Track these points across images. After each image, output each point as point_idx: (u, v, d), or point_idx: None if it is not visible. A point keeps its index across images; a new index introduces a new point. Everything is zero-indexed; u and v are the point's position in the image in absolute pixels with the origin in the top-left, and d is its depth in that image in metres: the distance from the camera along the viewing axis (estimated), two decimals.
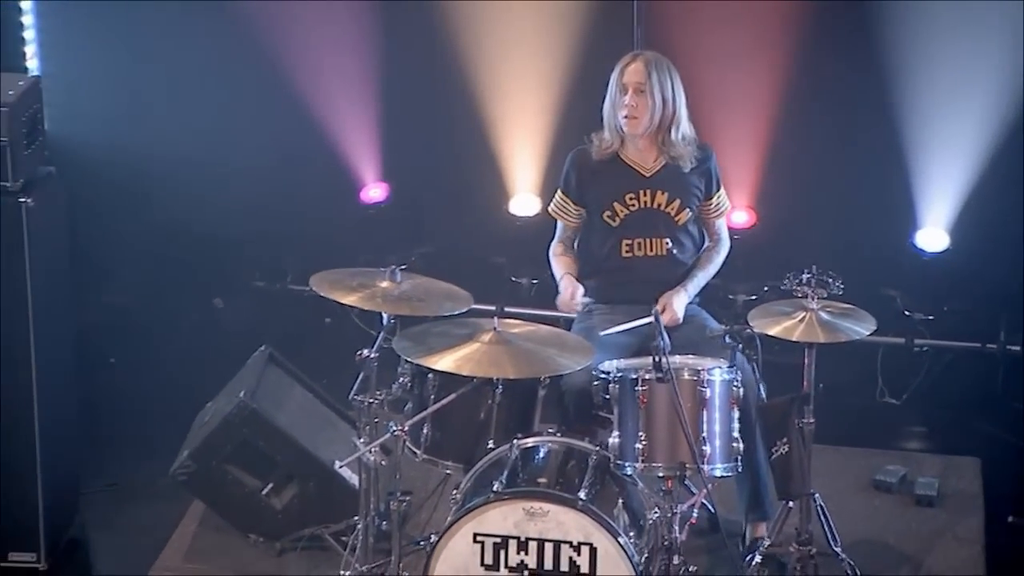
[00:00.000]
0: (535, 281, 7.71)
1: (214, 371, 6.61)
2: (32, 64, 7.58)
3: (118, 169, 7.45)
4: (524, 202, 7.75)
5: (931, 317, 7.57)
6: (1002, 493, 6.45)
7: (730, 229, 6.33)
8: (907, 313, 7.52)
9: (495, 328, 5.48)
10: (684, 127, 5.96)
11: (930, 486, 6.50)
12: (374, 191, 7.85)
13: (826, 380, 5.80)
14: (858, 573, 5.71)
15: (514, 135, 7.56)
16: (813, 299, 5.61)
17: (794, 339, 5.58)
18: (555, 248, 6.18)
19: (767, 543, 5.79)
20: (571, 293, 5.97)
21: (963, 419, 7.19)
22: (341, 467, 5.87)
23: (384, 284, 5.65)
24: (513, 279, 7.44)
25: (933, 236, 7.54)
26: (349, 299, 5.61)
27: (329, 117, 7.62)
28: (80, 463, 6.43)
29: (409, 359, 5.50)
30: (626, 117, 5.90)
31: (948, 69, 7.17)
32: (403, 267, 5.72)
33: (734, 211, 6.99)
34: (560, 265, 6.12)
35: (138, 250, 7.71)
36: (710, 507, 5.85)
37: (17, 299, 5.94)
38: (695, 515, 5.66)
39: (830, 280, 5.61)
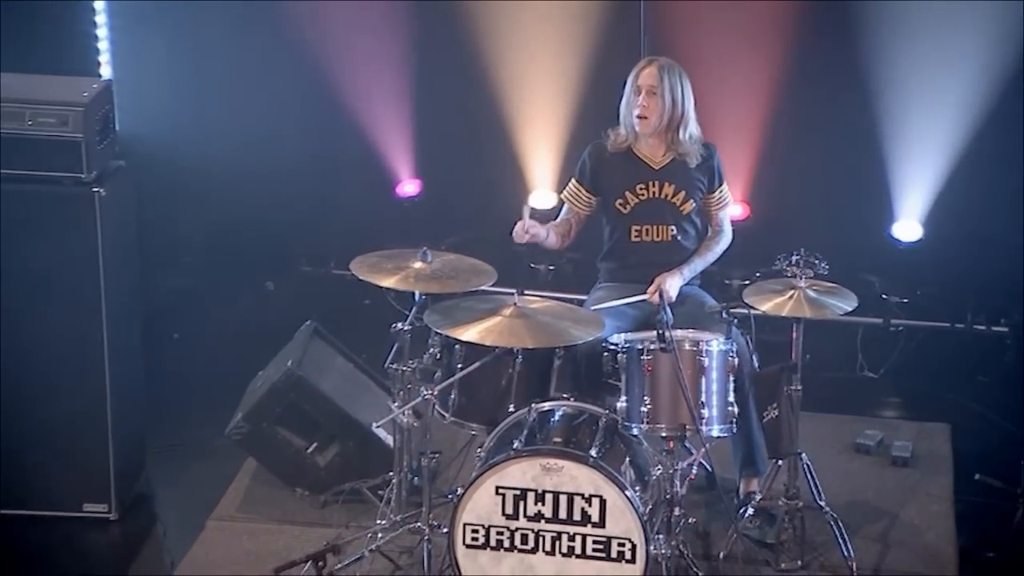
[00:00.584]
0: (551, 268, 7.67)
1: (265, 344, 6.56)
2: (105, 71, 7.55)
3: (181, 164, 7.44)
4: (542, 196, 7.69)
5: (906, 300, 7.53)
6: (969, 455, 6.39)
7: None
8: (884, 296, 7.48)
9: (516, 303, 5.46)
10: (692, 127, 5.91)
11: (905, 448, 6.45)
12: (408, 186, 7.83)
13: (811, 356, 5.75)
14: (840, 524, 5.67)
15: (533, 135, 7.53)
16: (801, 279, 5.58)
17: (784, 314, 5.55)
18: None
19: (759, 497, 5.76)
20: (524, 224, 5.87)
21: (934, 390, 7.13)
22: (377, 428, 5.88)
23: (416, 265, 5.62)
24: (532, 265, 7.39)
25: (908, 228, 7.50)
26: (386, 281, 5.59)
27: (369, 120, 7.60)
28: (146, 426, 6.41)
29: (439, 331, 5.47)
30: (638, 117, 5.85)
31: (923, 75, 7.13)
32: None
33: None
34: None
35: (198, 238, 7.71)
36: (708, 466, 5.84)
37: (90, 280, 5.93)
38: (694, 472, 5.66)
39: (816, 261, 5.58)
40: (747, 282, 5.88)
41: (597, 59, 7.28)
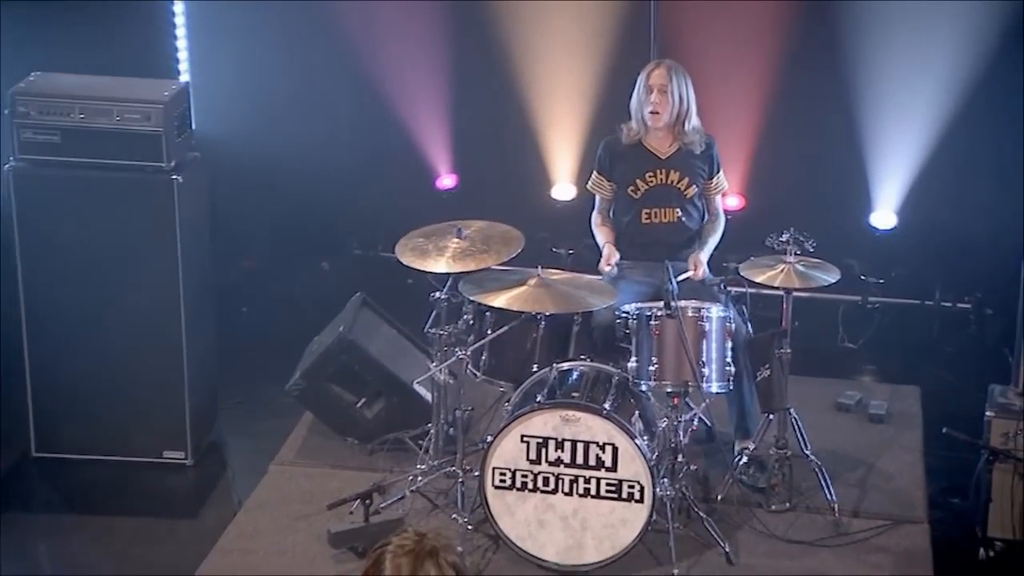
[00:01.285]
0: (571, 252, 7.55)
1: (321, 316, 6.52)
2: (184, 77, 7.53)
3: (249, 160, 7.32)
4: (563, 189, 7.61)
5: (881, 280, 7.39)
6: (937, 413, 6.29)
7: (724, 211, 6.20)
8: (863, 277, 7.34)
9: (539, 274, 5.42)
10: (694, 121, 5.86)
11: (880, 407, 6.37)
12: (446, 180, 7.74)
13: (798, 329, 5.68)
14: (824, 472, 5.63)
15: (554, 134, 7.40)
16: (790, 255, 5.52)
17: (776, 284, 5.51)
18: (596, 219, 6.04)
19: (752, 447, 5.70)
20: (608, 258, 5.84)
21: (906, 358, 7.03)
22: (418, 385, 5.87)
23: (452, 243, 5.57)
24: (553, 249, 7.28)
25: (884, 217, 7.37)
26: (428, 266, 5.56)
27: (412, 121, 7.48)
28: (217, 385, 6.40)
29: (472, 298, 5.43)
30: (651, 112, 5.79)
31: (899, 81, 6.96)
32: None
33: (728, 197, 6.82)
34: (601, 234, 5.98)
35: (264, 225, 7.64)
36: (707, 421, 5.81)
37: (169, 257, 5.92)
38: (695, 424, 5.63)
39: (804, 239, 5.52)
40: (741, 264, 5.81)
41: (610, 60, 7.13)
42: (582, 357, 5.47)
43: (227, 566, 5.28)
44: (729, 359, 5.41)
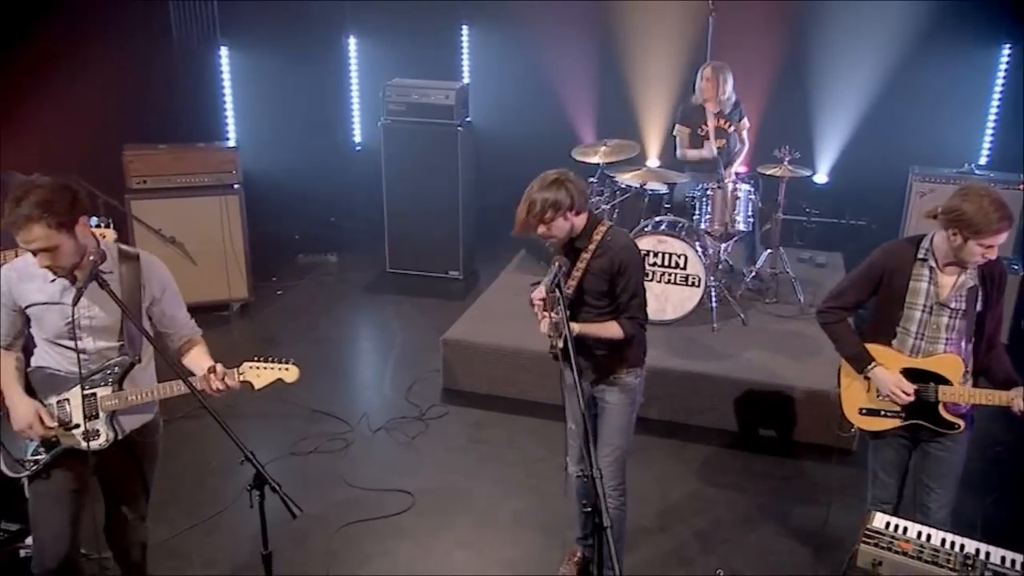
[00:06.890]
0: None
1: None
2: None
3: (494, 137, 6.63)
4: (653, 161, 6.54)
5: (817, 211, 6.30)
6: (849, 265, 5.28)
7: (737, 173, 5.06)
8: (807, 209, 6.28)
9: (646, 166, 4.67)
10: (729, 92, 4.92)
11: (823, 260, 5.44)
12: None
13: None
14: (797, 282, 4.81)
15: (648, 125, 6.50)
16: (784, 160, 4.60)
17: (777, 175, 4.59)
18: (683, 151, 5.01)
19: (757, 267, 4.82)
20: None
21: (831, 242, 5.96)
22: None
23: (602, 148, 4.86)
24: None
25: (821, 177, 6.29)
26: (591, 159, 4.84)
27: (578, 117, 6.61)
28: (476, 241, 5.81)
29: (611, 176, 4.69)
30: (704, 90, 4.89)
31: (835, 87, 5.87)
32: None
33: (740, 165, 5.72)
34: (697, 152, 4.94)
35: (501, 173, 6.85)
36: (730, 261, 4.96)
37: (453, 173, 5.42)
38: (730, 250, 4.78)
39: (792, 151, 4.61)
40: (751, 180, 4.83)
41: (677, 60, 6.04)
42: (667, 212, 4.70)
43: (476, 315, 4.78)
44: (750, 215, 4.61)
